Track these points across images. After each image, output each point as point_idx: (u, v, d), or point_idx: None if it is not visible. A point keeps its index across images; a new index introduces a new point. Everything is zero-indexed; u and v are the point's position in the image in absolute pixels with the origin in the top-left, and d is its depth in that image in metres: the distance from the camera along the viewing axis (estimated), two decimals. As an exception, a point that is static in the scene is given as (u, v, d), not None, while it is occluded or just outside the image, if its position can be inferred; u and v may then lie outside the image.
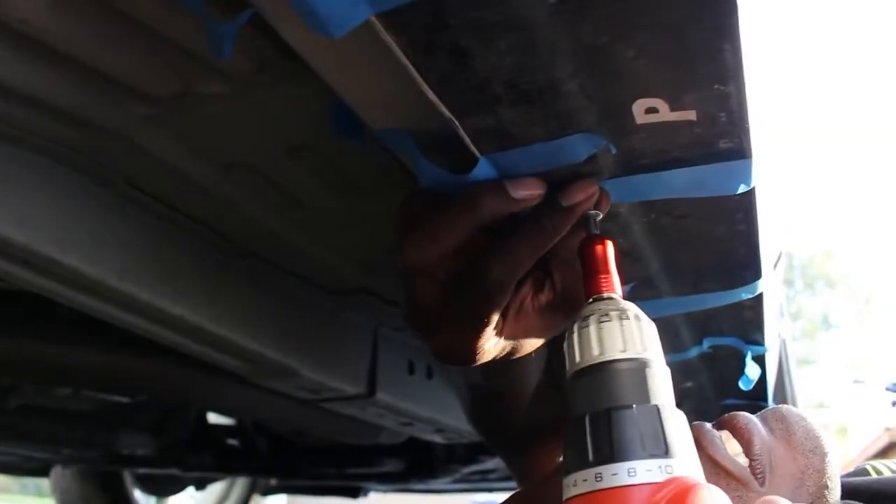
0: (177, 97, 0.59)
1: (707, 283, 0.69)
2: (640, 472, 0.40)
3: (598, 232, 0.52)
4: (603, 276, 0.49)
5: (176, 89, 0.58)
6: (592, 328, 0.46)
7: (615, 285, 0.49)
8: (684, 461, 0.41)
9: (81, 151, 0.67)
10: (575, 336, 0.46)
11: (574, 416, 0.44)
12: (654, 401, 0.43)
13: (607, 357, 0.44)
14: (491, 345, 0.54)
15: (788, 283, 21.93)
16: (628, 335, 0.45)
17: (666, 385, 0.44)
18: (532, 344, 0.58)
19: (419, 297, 0.53)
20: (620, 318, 0.46)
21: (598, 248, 0.51)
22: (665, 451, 0.41)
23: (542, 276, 0.56)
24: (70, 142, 0.65)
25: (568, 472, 0.42)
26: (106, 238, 0.71)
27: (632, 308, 0.47)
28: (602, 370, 0.44)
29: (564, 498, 0.42)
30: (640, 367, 0.44)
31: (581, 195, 0.50)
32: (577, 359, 0.46)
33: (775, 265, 0.92)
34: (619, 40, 0.39)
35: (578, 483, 0.41)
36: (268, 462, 2.12)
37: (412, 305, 0.54)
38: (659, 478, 0.39)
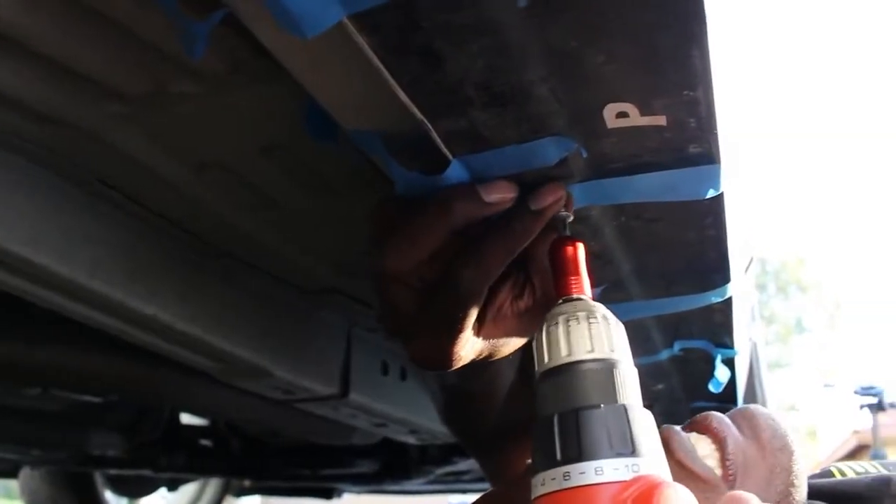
0: (150, 96, 0.59)
1: (677, 287, 0.70)
2: (607, 470, 0.40)
3: (568, 234, 0.52)
4: (573, 278, 0.50)
5: (149, 88, 0.58)
6: (561, 329, 0.46)
7: (585, 287, 0.50)
8: (651, 460, 0.41)
9: (54, 150, 0.66)
10: (544, 337, 0.47)
11: (542, 416, 0.44)
12: (621, 400, 0.43)
13: (575, 357, 0.45)
14: (468, 349, 0.54)
15: (762, 287, 22.13)
16: (596, 336, 0.46)
17: (633, 385, 0.45)
18: (511, 346, 0.58)
19: (394, 303, 0.53)
20: (589, 319, 0.46)
21: (569, 249, 0.51)
22: (632, 450, 0.41)
23: (522, 281, 0.57)
24: (42, 140, 0.64)
25: (536, 471, 0.43)
26: (78, 237, 0.70)
27: (600, 309, 0.47)
28: (570, 370, 0.45)
29: (533, 497, 0.43)
30: (607, 367, 0.44)
31: (550, 198, 0.50)
32: (546, 359, 0.46)
33: (746, 269, 0.93)
34: (589, 45, 0.39)
35: (546, 482, 0.42)
36: (241, 463, 2.11)
37: (388, 312, 0.54)
38: (626, 476, 0.40)
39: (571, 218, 0.52)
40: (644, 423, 0.43)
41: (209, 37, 0.47)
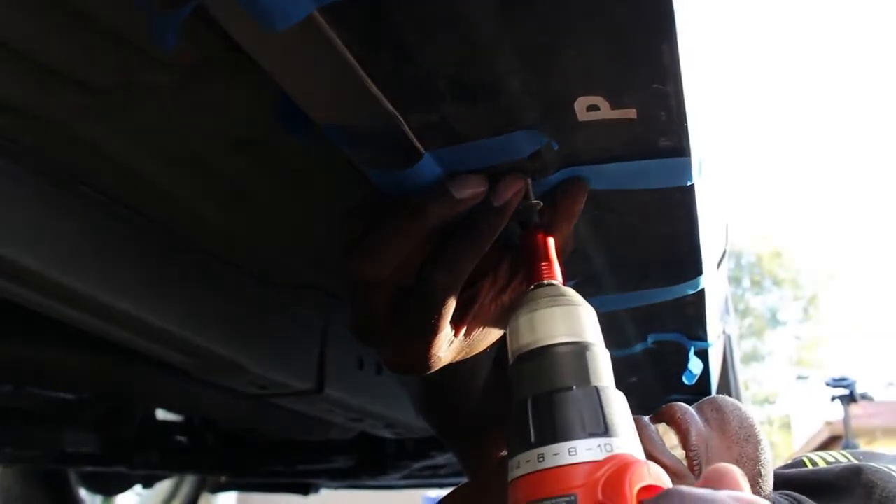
0: (120, 88, 0.58)
1: (650, 280, 0.70)
2: (580, 451, 0.41)
3: (538, 221, 0.52)
4: (544, 264, 0.50)
5: (119, 80, 0.57)
6: (534, 314, 0.47)
7: (556, 272, 0.50)
8: (624, 439, 0.42)
9: (21, 143, 0.65)
10: (519, 322, 0.47)
11: (517, 400, 0.45)
12: (594, 382, 0.44)
13: (548, 341, 0.45)
14: (446, 351, 0.54)
15: (736, 281, 22.33)
16: (568, 319, 0.46)
17: (606, 367, 0.46)
18: (490, 340, 0.58)
19: (369, 309, 0.53)
20: (560, 304, 0.47)
21: (539, 237, 0.52)
22: (605, 431, 0.42)
23: (506, 274, 0.57)
24: (9, 133, 0.63)
25: (512, 454, 0.43)
26: (47, 231, 0.70)
27: (572, 294, 0.48)
28: (543, 354, 0.45)
29: (509, 479, 0.43)
30: (580, 350, 0.45)
31: (509, 192, 0.50)
32: (519, 344, 0.47)
33: (719, 263, 0.94)
34: (560, 39, 0.39)
35: (522, 464, 0.42)
36: (217, 459, 2.10)
37: (362, 318, 0.54)
38: (599, 456, 0.41)
39: (541, 205, 0.52)
40: (617, 404, 0.44)
41: (180, 29, 0.46)
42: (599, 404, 0.43)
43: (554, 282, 0.50)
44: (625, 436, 0.42)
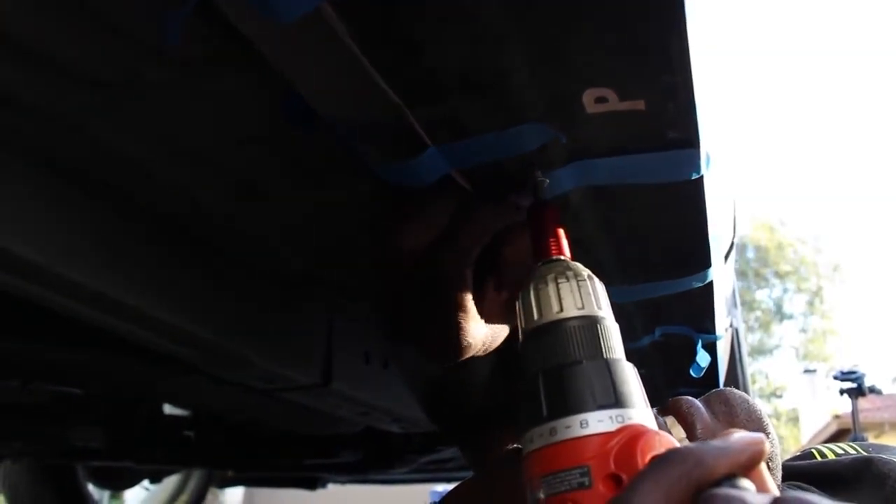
0: (124, 83, 0.58)
1: (658, 272, 0.70)
2: (591, 423, 0.41)
3: (544, 197, 0.52)
4: (552, 240, 0.50)
5: (124, 75, 0.57)
6: (543, 289, 0.47)
7: (564, 247, 0.50)
8: (635, 410, 0.42)
9: (27, 138, 0.65)
10: (530, 296, 0.47)
11: (528, 375, 0.45)
12: (605, 355, 0.44)
13: (557, 316, 0.45)
14: (476, 339, 0.56)
15: (741, 275, 22.28)
16: (577, 294, 0.46)
17: (616, 339, 0.46)
18: (503, 336, 0.59)
19: (403, 300, 0.56)
20: (569, 278, 0.47)
21: (546, 212, 0.52)
22: (616, 402, 0.42)
23: (499, 274, 0.57)
24: (12, 127, 0.63)
25: (525, 429, 0.44)
26: (52, 225, 0.70)
27: (580, 268, 0.48)
28: (553, 329, 0.45)
29: (523, 454, 0.44)
30: (590, 323, 0.45)
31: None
32: (529, 320, 0.47)
33: (727, 256, 0.93)
34: (568, 31, 0.39)
35: (535, 439, 0.42)
36: (224, 454, 2.11)
37: (395, 306, 0.57)
38: (611, 427, 0.41)
39: (547, 182, 0.52)
40: (628, 375, 0.44)
41: (185, 23, 0.46)
42: (610, 376, 0.43)
43: (561, 257, 0.50)
44: (636, 406, 0.42)
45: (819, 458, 0.79)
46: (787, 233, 23.73)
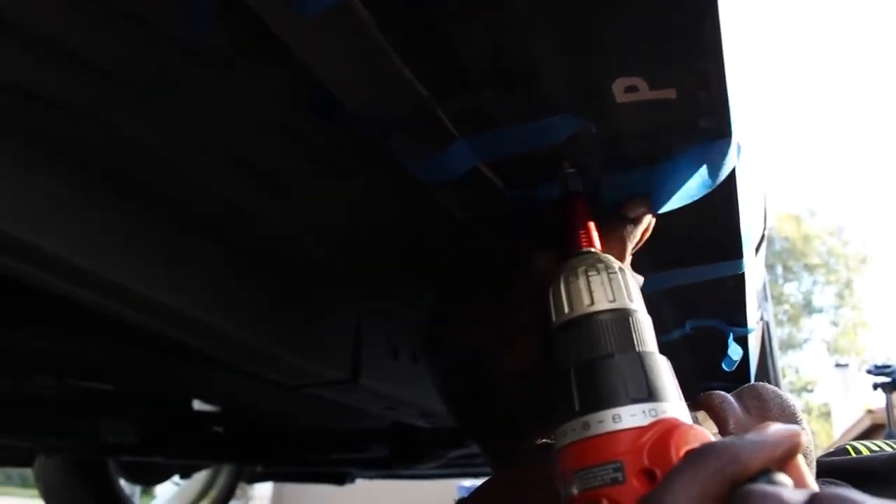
0: (153, 79, 0.58)
1: (690, 260, 0.69)
2: (625, 417, 0.41)
3: (574, 189, 0.52)
4: (582, 232, 0.50)
5: (152, 71, 0.57)
6: (573, 283, 0.46)
7: (594, 240, 0.50)
8: (669, 404, 0.42)
9: (55, 135, 0.66)
10: (561, 289, 0.47)
11: (561, 369, 0.44)
12: (637, 348, 0.44)
13: (588, 310, 0.45)
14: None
15: (770, 268, 22.05)
16: (608, 286, 0.46)
17: (649, 332, 0.45)
18: None
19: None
20: (600, 271, 0.46)
21: (576, 204, 0.51)
22: (649, 395, 0.41)
23: None
24: (44, 125, 0.64)
25: (557, 424, 0.43)
26: (83, 223, 0.70)
27: (611, 260, 0.47)
28: (584, 322, 0.45)
29: (555, 448, 0.43)
30: (621, 316, 0.45)
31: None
32: (560, 314, 0.46)
33: (757, 249, 0.92)
34: (598, 18, 0.38)
35: (568, 433, 0.42)
36: (253, 449, 2.12)
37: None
38: (643, 421, 0.40)
39: (576, 173, 0.52)
40: (660, 369, 0.43)
41: (213, 17, 0.46)
42: (643, 370, 0.42)
43: (592, 249, 0.49)
44: (670, 400, 0.42)
45: (853, 455, 0.78)
46: (815, 224, 23.43)
